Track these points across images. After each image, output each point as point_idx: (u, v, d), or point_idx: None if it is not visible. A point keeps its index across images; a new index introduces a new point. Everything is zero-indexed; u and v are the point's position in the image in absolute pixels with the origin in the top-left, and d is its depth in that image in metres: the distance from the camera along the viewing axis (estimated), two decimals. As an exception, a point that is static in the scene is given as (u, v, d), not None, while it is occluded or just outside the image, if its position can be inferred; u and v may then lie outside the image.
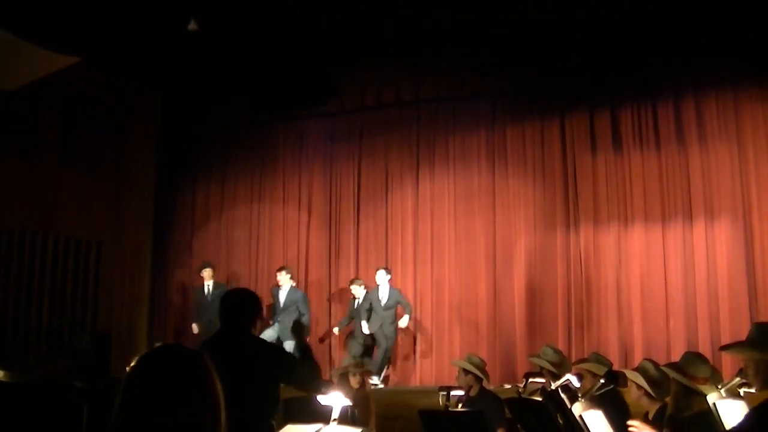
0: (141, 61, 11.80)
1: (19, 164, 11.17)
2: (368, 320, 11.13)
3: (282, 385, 4.41)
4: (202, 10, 9.57)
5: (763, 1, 9.38)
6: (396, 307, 11.20)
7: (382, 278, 11.25)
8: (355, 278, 11.62)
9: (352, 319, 11.47)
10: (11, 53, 8.02)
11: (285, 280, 11.64)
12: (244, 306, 4.40)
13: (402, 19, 10.35)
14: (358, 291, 11.36)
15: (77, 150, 12.07)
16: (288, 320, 10.91)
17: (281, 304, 11.50)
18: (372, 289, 11.32)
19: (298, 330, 5.14)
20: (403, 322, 11.20)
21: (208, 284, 12.07)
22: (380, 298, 11.16)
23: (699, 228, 10.28)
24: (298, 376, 4.45)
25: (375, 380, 10.89)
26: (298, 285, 11.97)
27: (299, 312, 11.38)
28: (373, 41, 11.05)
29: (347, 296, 11.74)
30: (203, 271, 12.15)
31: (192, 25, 9.53)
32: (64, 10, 9.53)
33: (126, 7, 9.87)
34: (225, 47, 11.10)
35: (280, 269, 11.77)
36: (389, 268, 11.51)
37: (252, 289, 11.61)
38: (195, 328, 11.94)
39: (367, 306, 11.21)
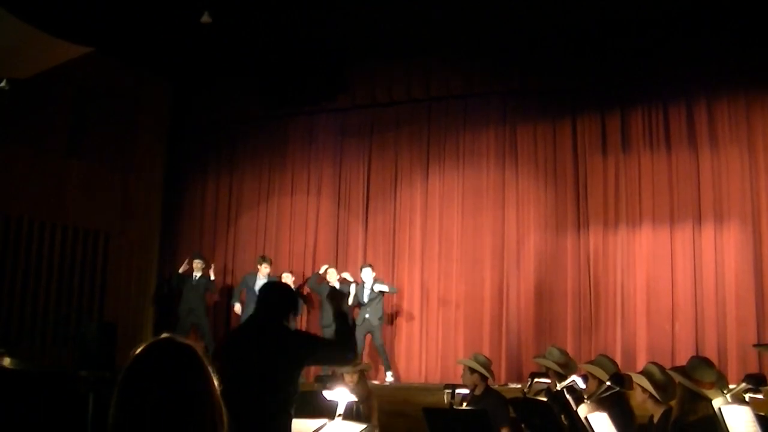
0: (151, 53, 11.83)
1: (28, 154, 11.21)
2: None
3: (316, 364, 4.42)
4: (214, 3, 9.59)
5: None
6: (380, 297, 11.27)
7: (367, 276, 11.31)
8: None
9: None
10: (23, 42, 8.04)
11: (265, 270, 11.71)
12: (279, 297, 4.43)
13: (415, 15, 10.35)
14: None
15: (86, 140, 12.08)
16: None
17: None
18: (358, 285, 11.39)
19: (339, 295, 5.12)
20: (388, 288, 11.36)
21: (196, 275, 12.03)
22: (364, 295, 11.23)
23: (707, 232, 10.27)
24: (331, 353, 4.45)
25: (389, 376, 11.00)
26: (304, 279, 11.99)
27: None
28: (385, 37, 11.06)
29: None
30: (195, 261, 12.12)
31: (205, 18, 9.55)
32: (76, 1, 9.56)
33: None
34: (236, 40, 11.12)
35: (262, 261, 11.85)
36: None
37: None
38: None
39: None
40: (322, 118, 12.81)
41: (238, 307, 11.68)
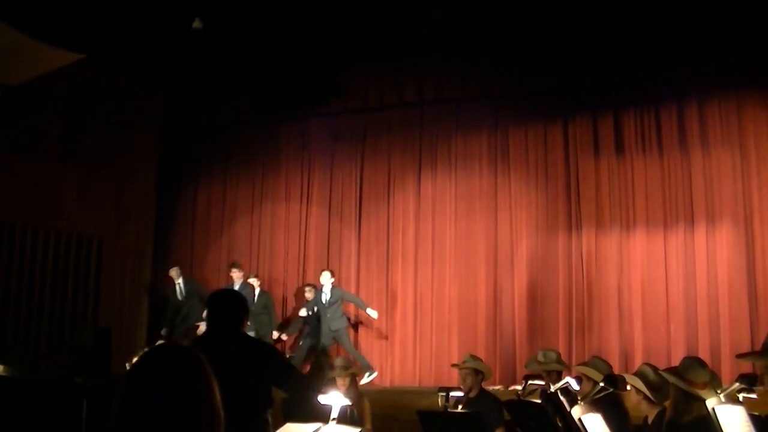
0: (145, 59, 11.82)
1: (22, 160, 11.18)
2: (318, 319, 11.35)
3: (274, 388, 4.43)
4: (207, 8, 9.59)
5: (766, 8, 9.43)
6: (340, 302, 11.36)
7: (326, 279, 11.40)
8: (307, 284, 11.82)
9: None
10: (16, 50, 8.03)
11: (237, 280, 11.70)
12: (232, 306, 4.44)
13: (407, 20, 10.36)
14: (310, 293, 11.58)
15: (80, 146, 12.07)
16: (261, 319, 11.33)
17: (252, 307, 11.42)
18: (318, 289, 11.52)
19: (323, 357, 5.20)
20: (372, 313, 11.42)
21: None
22: (323, 299, 11.36)
23: (700, 233, 10.30)
24: (290, 380, 4.47)
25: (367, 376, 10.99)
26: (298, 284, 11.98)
27: (270, 316, 11.63)
28: (377, 42, 11.06)
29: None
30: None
31: (196, 24, 9.55)
32: (69, 7, 9.55)
33: (130, 4, 9.88)
34: (229, 46, 11.12)
35: (247, 276, 11.88)
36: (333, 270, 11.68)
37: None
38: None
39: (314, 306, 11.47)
40: (314, 123, 12.81)
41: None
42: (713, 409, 3.67)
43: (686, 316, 10.17)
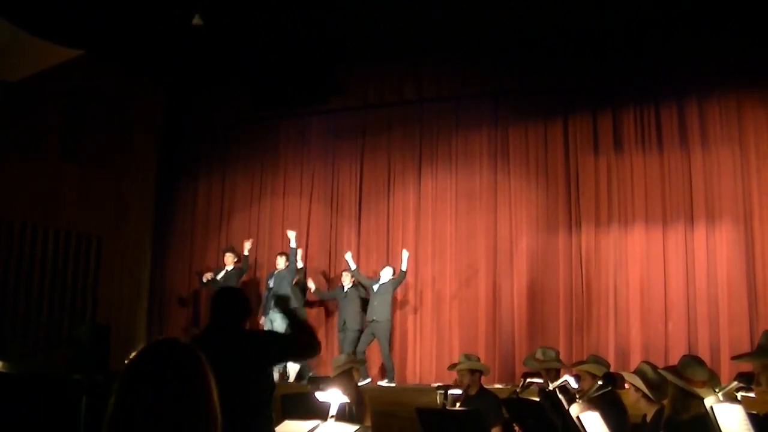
0: (144, 56, 11.83)
1: (21, 157, 11.19)
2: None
3: (282, 362, 4.46)
4: (206, 7, 9.59)
5: (766, 8, 9.44)
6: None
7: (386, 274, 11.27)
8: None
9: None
10: (15, 45, 8.03)
11: (282, 264, 11.61)
12: (234, 303, 4.47)
13: (406, 17, 10.36)
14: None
15: (79, 144, 12.09)
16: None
17: (272, 285, 11.42)
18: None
19: (284, 299, 5.16)
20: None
21: (228, 268, 11.87)
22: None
23: (700, 231, 10.30)
24: (291, 347, 4.49)
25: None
26: (297, 281, 11.93)
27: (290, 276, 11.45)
28: (377, 40, 11.06)
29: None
30: (227, 255, 11.96)
31: (196, 20, 9.55)
32: (69, 6, 9.55)
33: (130, 2, 9.89)
34: (229, 44, 11.12)
35: (281, 254, 11.74)
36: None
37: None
38: None
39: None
40: (314, 120, 12.81)
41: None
42: (711, 407, 3.67)
43: (685, 314, 10.16)
